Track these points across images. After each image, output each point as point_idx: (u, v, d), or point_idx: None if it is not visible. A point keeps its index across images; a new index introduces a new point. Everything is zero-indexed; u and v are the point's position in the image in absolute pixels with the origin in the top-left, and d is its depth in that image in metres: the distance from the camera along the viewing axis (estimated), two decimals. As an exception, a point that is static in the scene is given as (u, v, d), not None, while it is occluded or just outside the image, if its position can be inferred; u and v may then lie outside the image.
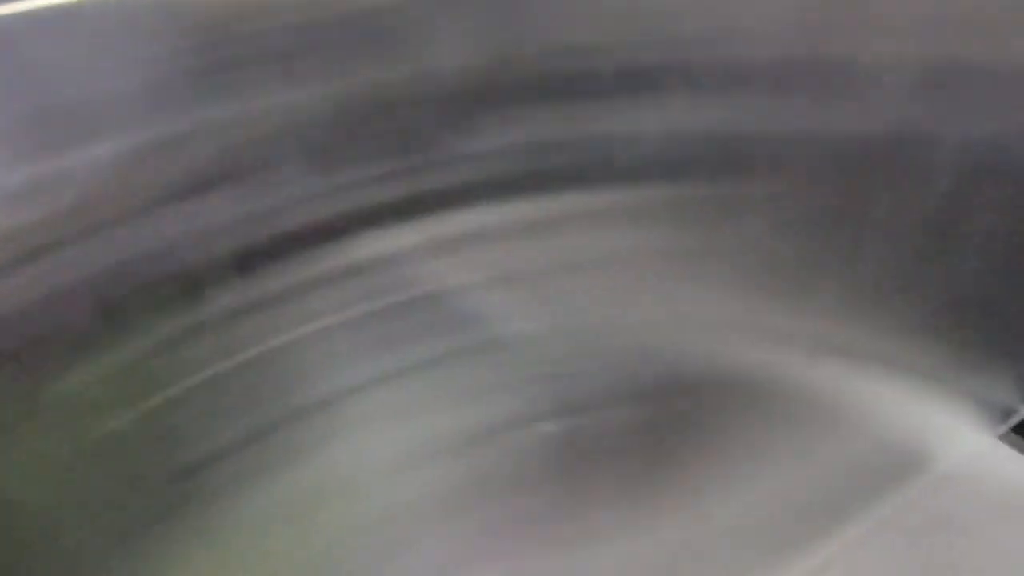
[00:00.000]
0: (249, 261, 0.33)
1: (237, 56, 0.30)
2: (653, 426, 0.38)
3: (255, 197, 0.33)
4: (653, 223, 0.37)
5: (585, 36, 0.34)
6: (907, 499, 0.48)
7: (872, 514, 0.48)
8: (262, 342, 0.33)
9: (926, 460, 0.49)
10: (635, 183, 0.36)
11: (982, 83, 0.38)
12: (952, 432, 0.49)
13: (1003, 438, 0.49)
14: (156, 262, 0.32)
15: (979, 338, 0.46)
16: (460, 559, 0.39)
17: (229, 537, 0.32)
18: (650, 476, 0.40)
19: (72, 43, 0.26)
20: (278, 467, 0.33)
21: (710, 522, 0.43)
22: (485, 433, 0.35)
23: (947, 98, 0.40)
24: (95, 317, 0.30)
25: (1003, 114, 0.39)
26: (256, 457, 0.33)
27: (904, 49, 0.37)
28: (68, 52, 0.25)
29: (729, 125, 0.36)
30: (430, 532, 0.37)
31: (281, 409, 0.33)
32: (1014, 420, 0.48)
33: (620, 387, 0.36)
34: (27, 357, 0.30)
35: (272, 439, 0.33)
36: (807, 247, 0.39)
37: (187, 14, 0.28)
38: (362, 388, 0.34)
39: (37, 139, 0.27)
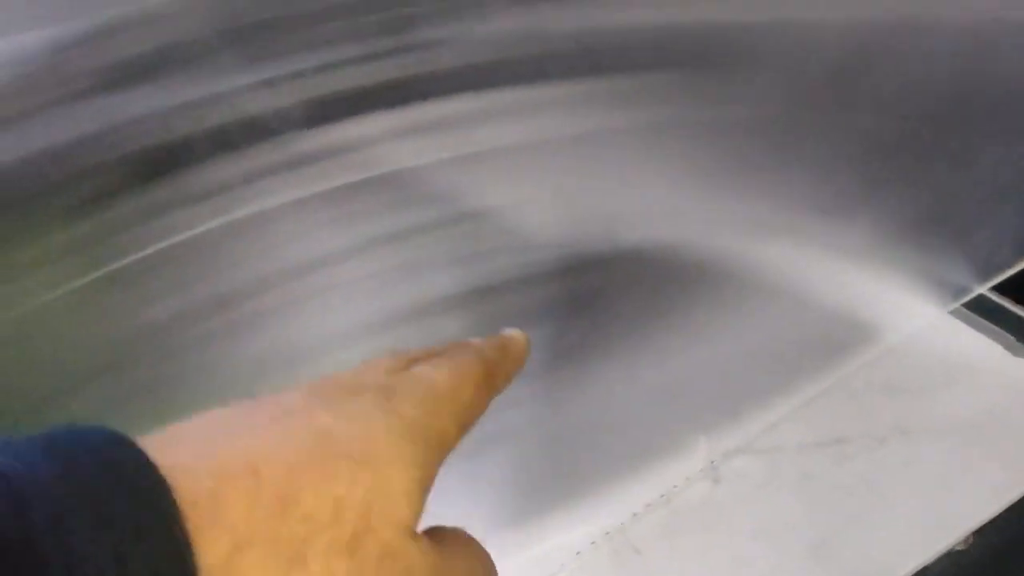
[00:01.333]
0: (229, 136, 0.34)
1: None
2: (601, 295, 0.42)
3: (244, 69, 0.35)
4: (618, 107, 0.39)
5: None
6: (856, 366, 0.52)
7: (823, 378, 0.51)
8: (231, 212, 0.34)
9: (876, 332, 0.52)
10: (609, 71, 0.38)
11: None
12: (904, 307, 0.51)
13: (954, 313, 0.51)
14: (140, 131, 0.34)
15: (929, 217, 0.48)
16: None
17: (192, 394, 0.34)
18: (596, 338, 0.44)
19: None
20: (242, 334, 0.35)
21: (664, 382, 0.48)
22: (436, 302, 0.37)
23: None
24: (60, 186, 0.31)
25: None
26: (222, 323, 0.34)
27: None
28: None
29: (703, 14, 0.37)
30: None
31: (247, 278, 0.35)
32: (966, 297, 0.51)
33: (570, 258, 0.40)
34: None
35: (238, 307, 0.34)
36: (764, 133, 0.41)
37: None
38: (325, 261, 0.36)
39: None
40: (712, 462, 0.47)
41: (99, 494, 0.12)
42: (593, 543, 0.45)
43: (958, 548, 0.41)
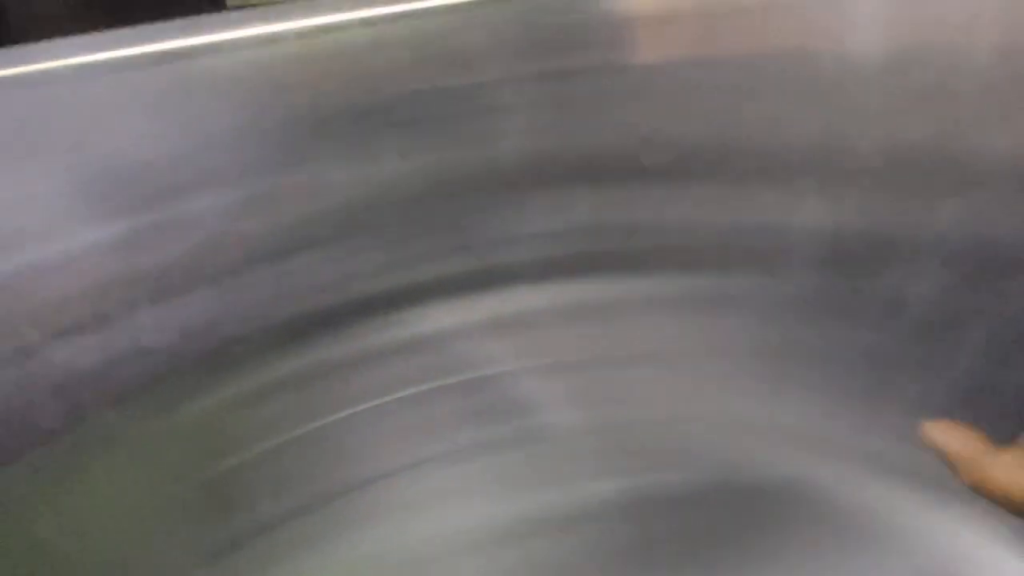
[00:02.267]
0: (311, 329, 0.35)
1: (321, 127, 0.30)
2: (693, 530, 0.38)
3: (325, 265, 0.35)
4: (705, 314, 0.36)
5: (640, 127, 0.33)
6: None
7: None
8: (316, 417, 0.35)
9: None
10: (687, 270, 0.36)
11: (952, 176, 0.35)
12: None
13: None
14: (224, 326, 0.34)
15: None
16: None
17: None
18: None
19: (170, 105, 0.27)
20: (321, 543, 0.34)
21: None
22: (526, 525, 0.36)
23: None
24: (158, 379, 0.33)
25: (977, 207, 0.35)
26: (301, 531, 0.34)
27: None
28: (165, 114, 0.27)
29: (780, 214, 0.35)
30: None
31: (327, 485, 0.34)
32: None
33: (662, 488, 0.37)
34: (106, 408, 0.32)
35: (317, 514, 0.34)
36: (879, 353, 0.38)
37: (280, 85, 0.29)
38: (404, 470, 0.35)
39: (135, 194, 0.29)
40: None
41: None
42: None
43: None
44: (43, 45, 0.25)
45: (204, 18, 0.26)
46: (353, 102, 0.29)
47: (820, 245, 0.36)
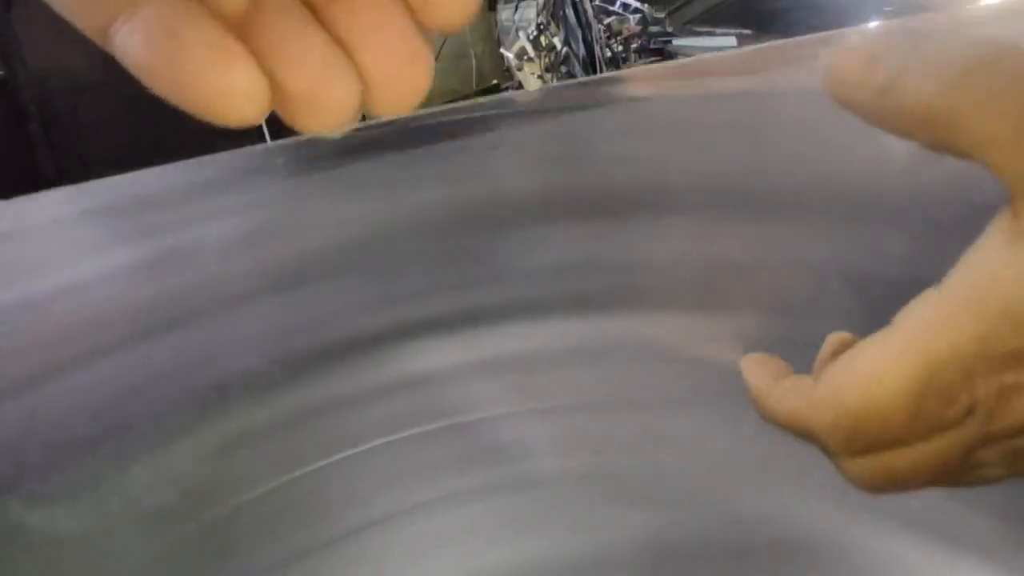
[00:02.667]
0: (306, 366, 0.34)
1: (318, 163, 0.31)
2: None
3: (320, 302, 0.35)
4: (702, 355, 0.36)
5: (633, 167, 0.34)
6: None
7: None
8: (311, 459, 0.34)
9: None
10: (680, 310, 0.36)
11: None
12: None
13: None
14: (218, 364, 0.33)
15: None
16: None
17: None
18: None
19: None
20: None
21: None
22: (519, 573, 0.35)
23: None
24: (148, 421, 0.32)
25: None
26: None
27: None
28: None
29: (777, 251, 0.35)
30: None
31: (323, 530, 0.34)
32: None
33: (662, 536, 0.35)
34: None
35: (313, 559, 0.33)
36: None
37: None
38: (400, 515, 0.35)
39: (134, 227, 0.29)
40: None
41: None
42: None
43: None
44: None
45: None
46: (348, 139, 0.30)
47: (812, 284, 0.36)
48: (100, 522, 0.31)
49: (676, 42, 1.81)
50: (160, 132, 1.97)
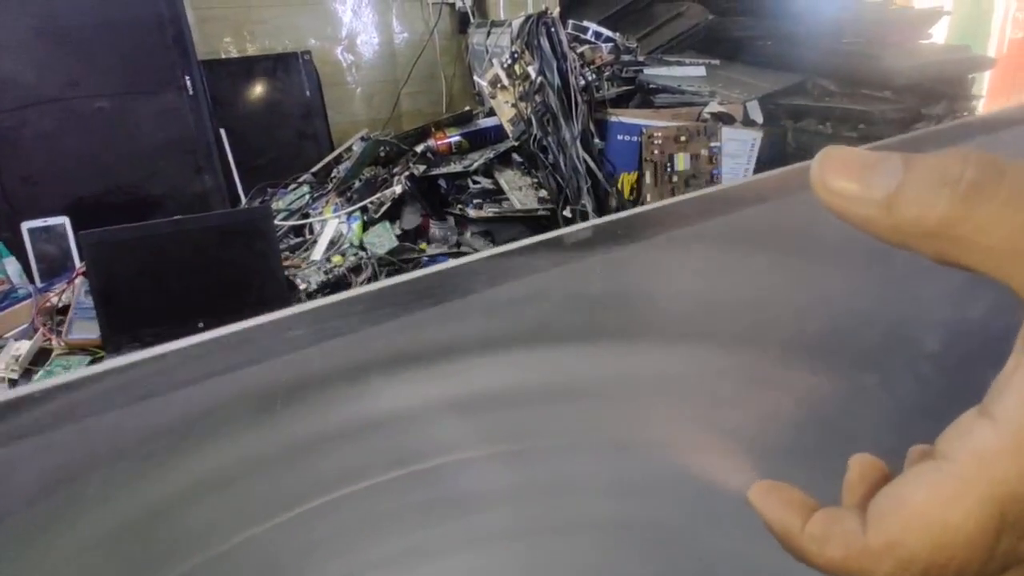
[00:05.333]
0: (265, 406, 0.32)
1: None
2: None
3: (281, 337, 0.33)
4: (682, 390, 0.35)
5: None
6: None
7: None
8: (272, 513, 0.32)
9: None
10: (658, 345, 0.34)
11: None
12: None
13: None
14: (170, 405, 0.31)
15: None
16: None
17: None
18: None
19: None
20: None
21: None
22: None
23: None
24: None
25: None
26: None
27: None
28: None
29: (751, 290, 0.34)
30: None
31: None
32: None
33: None
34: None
35: None
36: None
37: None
38: (369, 569, 0.33)
39: None
40: None
41: None
42: None
43: None
44: None
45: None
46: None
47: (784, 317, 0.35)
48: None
49: (648, 71, 1.84)
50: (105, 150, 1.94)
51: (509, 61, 1.58)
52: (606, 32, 1.83)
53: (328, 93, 2.46)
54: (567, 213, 1.54)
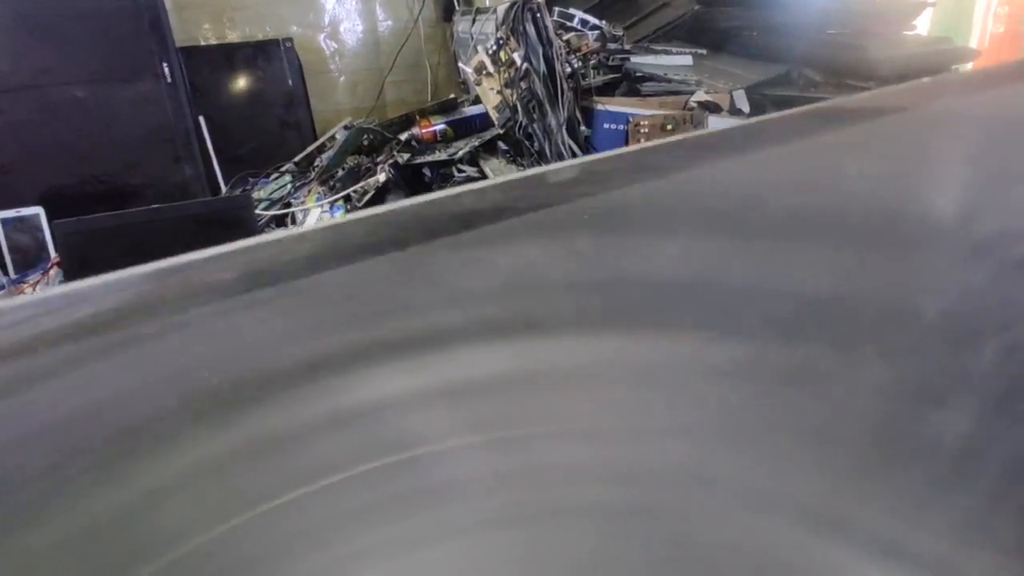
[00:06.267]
0: (236, 402, 0.31)
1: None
2: None
3: (252, 325, 0.31)
4: (668, 380, 0.34)
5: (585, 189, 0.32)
6: None
7: None
8: (246, 507, 0.31)
9: None
10: (641, 332, 0.33)
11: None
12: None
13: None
14: (133, 402, 0.30)
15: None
16: None
17: None
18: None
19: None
20: None
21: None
22: None
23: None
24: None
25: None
26: None
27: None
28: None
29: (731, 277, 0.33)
30: None
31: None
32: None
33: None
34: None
35: None
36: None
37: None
38: (334, 565, 0.31)
39: None
40: None
41: None
42: None
43: None
44: None
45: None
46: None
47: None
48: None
49: (634, 59, 1.83)
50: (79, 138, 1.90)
51: (494, 48, 1.56)
52: (592, 20, 1.82)
53: (311, 82, 2.42)
54: (553, 202, 1.52)
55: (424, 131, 1.78)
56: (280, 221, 1.75)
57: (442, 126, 1.80)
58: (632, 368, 0.35)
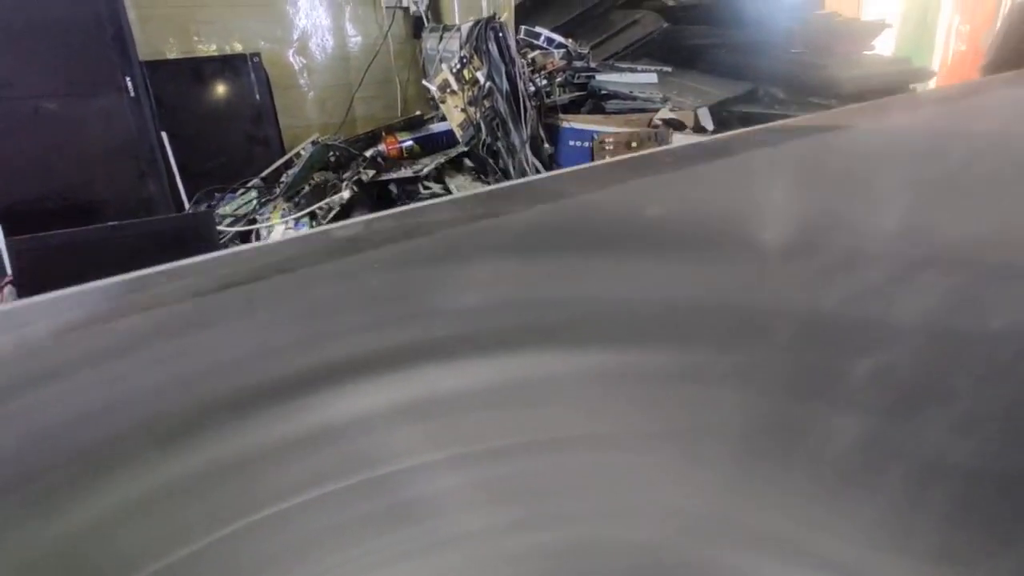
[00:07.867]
0: (204, 421, 0.30)
1: None
2: None
3: (223, 344, 0.30)
4: (640, 393, 0.34)
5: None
6: None
7: None
8: (214, 527, 0.30)
9: None
10: (613, 347, 0.33)
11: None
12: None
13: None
14: (98, 422, 0.29)
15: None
16: None
17: None
18: None
19: None
20: None
21: None
22: None
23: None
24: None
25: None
26: None
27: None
28: None
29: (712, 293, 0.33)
30: None
31: None
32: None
33: None
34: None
35: None
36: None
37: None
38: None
39: None
40: None
41: None
42: None
43: None
44: None
45: None
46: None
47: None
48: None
49: (600, 77, 1.84)
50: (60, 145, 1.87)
51: (458, 66, 1.56)
52: (558, 38, 1.84)
53: (280, 97, 2.41)
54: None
55: (390, 148, 1.78)
56: (245, 237, 1.73)
57: (409, 143, 1.80)
58: (600, 380, 0.35)
